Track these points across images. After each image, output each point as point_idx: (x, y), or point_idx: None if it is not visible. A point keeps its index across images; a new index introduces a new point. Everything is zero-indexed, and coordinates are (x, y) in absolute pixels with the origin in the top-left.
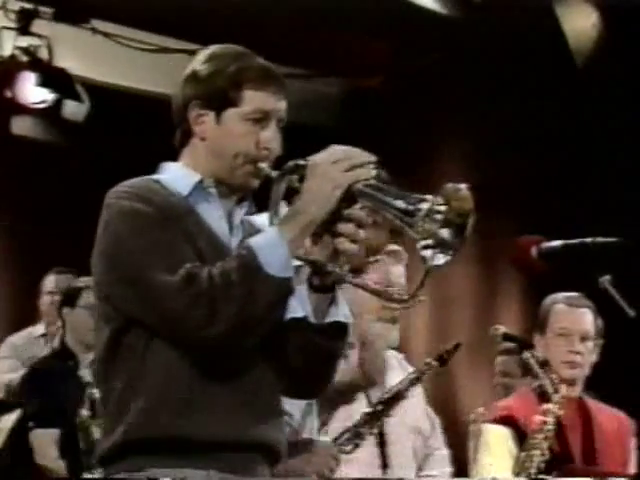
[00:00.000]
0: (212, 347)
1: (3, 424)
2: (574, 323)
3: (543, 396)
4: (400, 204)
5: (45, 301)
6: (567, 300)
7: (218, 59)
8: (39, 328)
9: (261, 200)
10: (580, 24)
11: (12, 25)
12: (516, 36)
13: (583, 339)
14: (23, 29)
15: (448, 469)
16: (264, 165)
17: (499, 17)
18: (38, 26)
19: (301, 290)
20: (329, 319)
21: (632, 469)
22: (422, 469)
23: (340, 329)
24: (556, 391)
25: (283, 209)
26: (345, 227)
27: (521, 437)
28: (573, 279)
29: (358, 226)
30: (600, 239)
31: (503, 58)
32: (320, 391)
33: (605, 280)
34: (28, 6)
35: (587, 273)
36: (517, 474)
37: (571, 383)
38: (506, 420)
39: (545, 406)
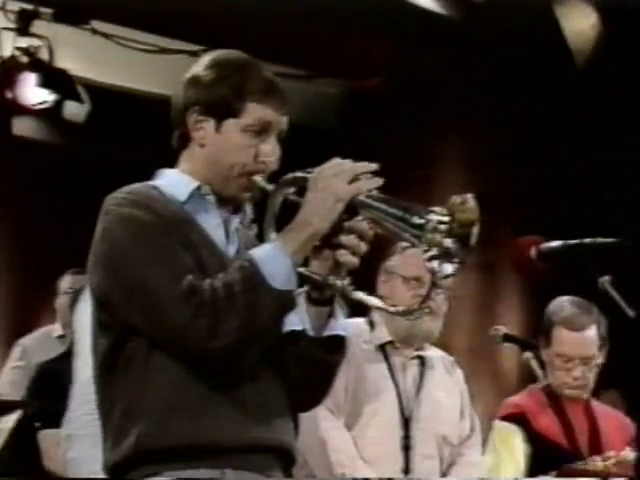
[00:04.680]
0: (215, 360)
1: (3, 424)
2: (575, 348)
3: (552, 395)
4: (404, 215)
5: (61, 302)
6: (569, 320)
7: (222, 66)
8: (56, 329)
9: (258, 211)
10: (580, 24)
11: (12, 26)
12: (516, 36)
13: (585, 362)
14: (23, 30)
15: (472, 475)
16: (259, 178)
17: (499, 17)
18: (38, 27)
19: (300, 303)
20: (328, 332)
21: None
22: (445, 475)
23: (339, 342)
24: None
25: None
26: (347, 239)
27: (531, 436)
28: (573, 280)
29: (360, 238)
30: (600, 239)
31: (503, 58)
32: (317, 402)
33: (605, 280)
34: (28, 7)
35: (587, 274)
36: None
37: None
38: (517, 418)
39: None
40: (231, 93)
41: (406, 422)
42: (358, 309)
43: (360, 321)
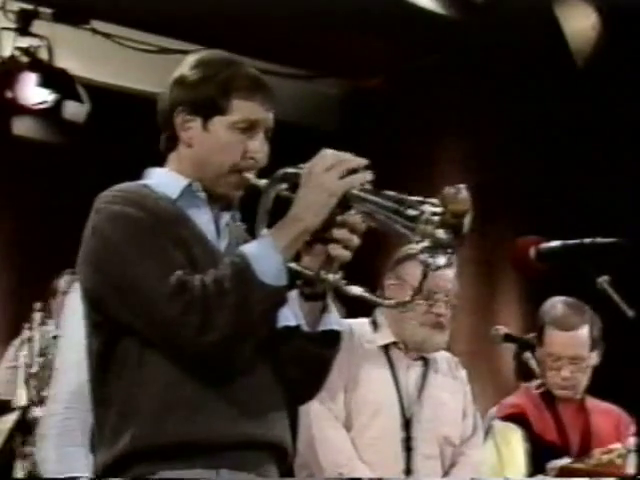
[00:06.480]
0: (206, 355)
1: (3, 425)
2: (564, 348)
3: (546, 394)
4: (397, 207)
5: (59, 302)
6: (559, 320)
7: (207, 65)
8: (52, 329)
9: (248, 208)
10: (580, 24)
11: (12, 26)
12: (516, 36)
13: (574, 362)
14: (23, 30)
15: (474, 475)
16: (250, 175)
17: (499, 17)
18: (38, 27)
19: (293, 298)
20: (322, 327)
21: (630, 468)
22: (447, 475)
23: (333, 337)
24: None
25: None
26: (339, 233)
27: (530, 435)
28: (572, 280)
29: (352, 231)
30: (599, 239)
31: (503, 58)
32: (311, 397)
33: (604, 280)
34: (28, 7)
35: (586, 274)
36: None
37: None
38: (517, 417)
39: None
40: (217, 91)
41: (407, 423)
42: (362, 310)
43: (363, 321)
